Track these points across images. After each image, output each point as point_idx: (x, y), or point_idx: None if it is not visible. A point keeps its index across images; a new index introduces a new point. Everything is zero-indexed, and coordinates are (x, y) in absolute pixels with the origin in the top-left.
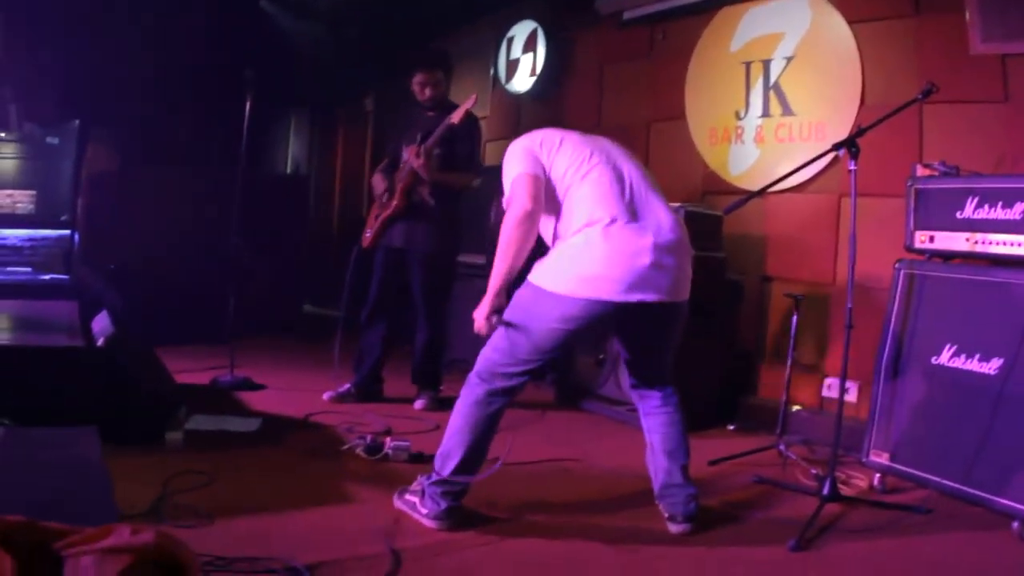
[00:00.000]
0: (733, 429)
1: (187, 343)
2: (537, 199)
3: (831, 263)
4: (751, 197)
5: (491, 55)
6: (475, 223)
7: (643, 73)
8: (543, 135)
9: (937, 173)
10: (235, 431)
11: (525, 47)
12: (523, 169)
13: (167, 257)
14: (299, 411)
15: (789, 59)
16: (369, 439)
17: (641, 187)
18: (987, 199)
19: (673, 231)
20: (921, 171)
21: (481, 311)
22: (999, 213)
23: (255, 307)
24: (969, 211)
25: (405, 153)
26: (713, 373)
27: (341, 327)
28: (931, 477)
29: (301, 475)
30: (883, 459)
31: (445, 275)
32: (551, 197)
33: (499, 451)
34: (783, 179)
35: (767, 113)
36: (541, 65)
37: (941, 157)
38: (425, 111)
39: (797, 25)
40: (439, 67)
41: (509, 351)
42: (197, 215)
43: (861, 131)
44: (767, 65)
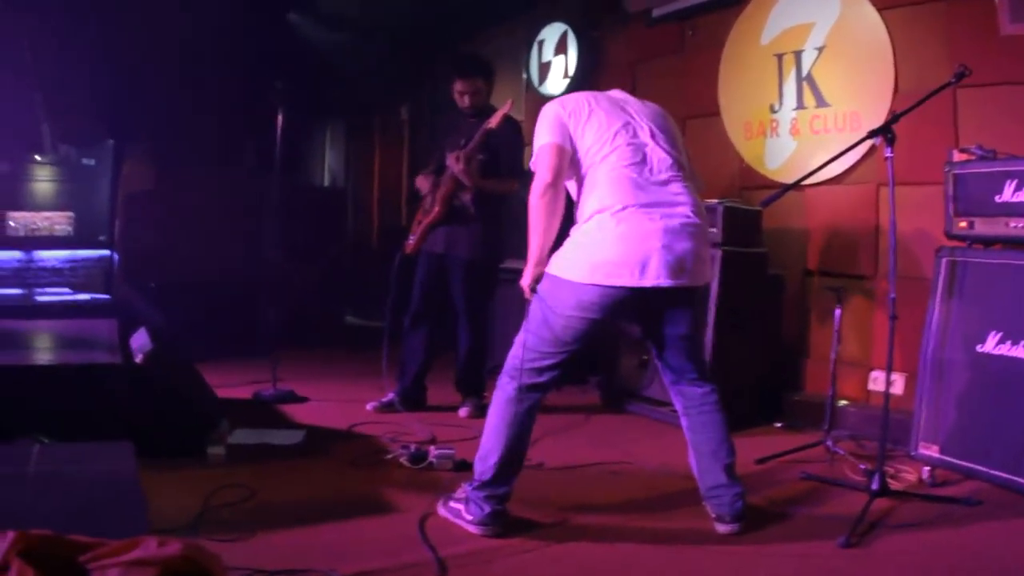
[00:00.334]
0: (779, 426)
1: (229, 358)
2: (558, 172)
3: (872, 254)
4: (788, 189)
5: (523, 59)
6: (518, 228)
7: (675, 70)
8: (575, 102)
9: (974, 157)
10: (278, 444)
11: (556, 49)
12: (550, 138)
13: (207, 272)
14: (343, 422)
15: (820, 49)
16: (413, 448)
17: (663, 168)
18: None
19: (689, 215)
20: (958, 156)
21: (525, 279)
22: None
23: (296, 320)
24: (1008, 194)
25: (448, 159)
26: (757, 370)
27: (387, 335)
28: (980, 468)
29: (344, 486)
30: (932, 451)
31: (487, 281)
32: (575, 170)
33: (539, 456)
34: (819, 170)
35: (801, 105)
36: (573, 67)
37: (977, 141)
38: (468, 117)
39: (827, 14)
40: (478, 75)
41: (534, 345)
42: (236, 229)
43: (896, 117)
44: (799, 56)
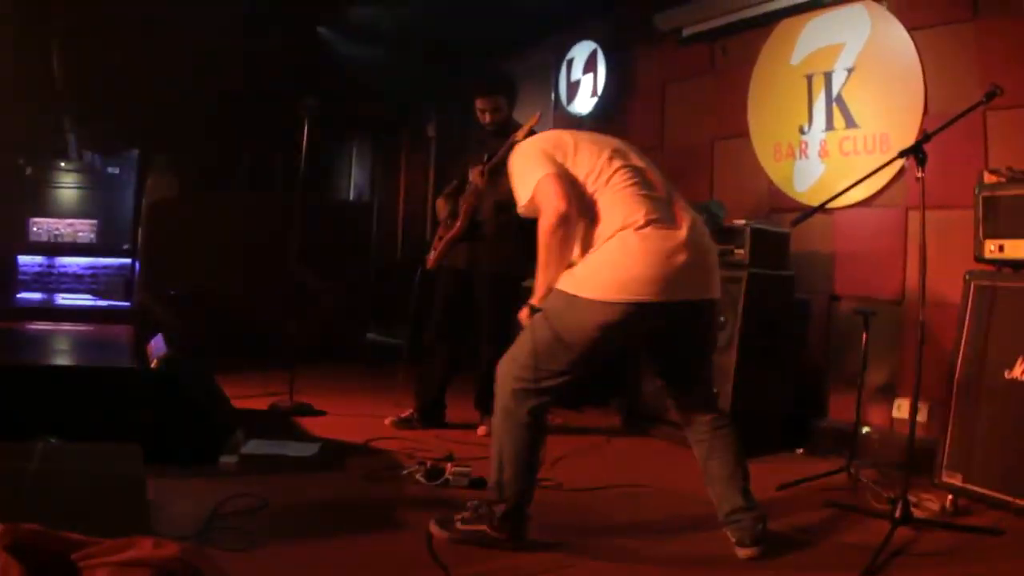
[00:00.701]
0: (802, 452)
1: (248, 369)
2: (569, 199)
3: (900, 278)
4: (818, 209)
5: (552, 77)
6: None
7: (705, 90)
8: (555, 138)
9: (1004, 179)
10: (292, 456)
11: (585, 68)
12: (544, 170)
13: (228, 283)
14: (359, 437)
15: (850, 70)
16: (429, 464)
17: (663, 186)
18: None
19: (700, 229)
20: (988, 178)
21: (525, 314)
22: None
23: (317, 334)
24: None
25: (471, 173)
26: (780, 395)
27: (406, 351)
28: (1004, 497)
29: (358, 500)
30: (955, 480)
31: (510, 297)
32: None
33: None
34: (851, 188)
35: (831, 126)
36: (602, 86)
37: (1008, 163)
38: (491, 135)
39: (857, 35)
40: (499, 92)
41: (544, 364)
42: (258, 241)
43: (927, 136)
44: (829, 77)
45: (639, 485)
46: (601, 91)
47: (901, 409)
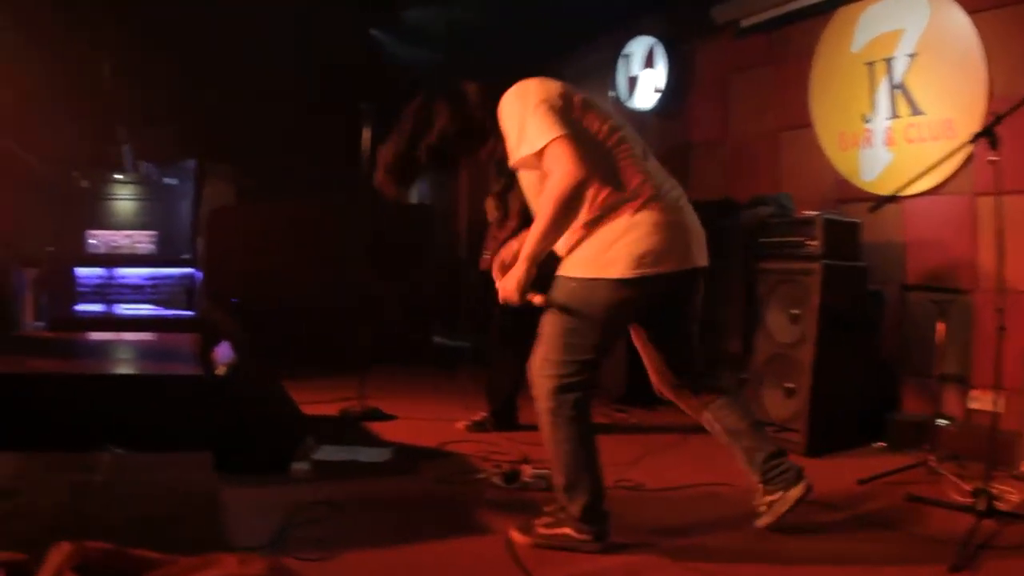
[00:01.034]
0: (879, 446)
1: (315, 375)
2: (586, 164)
3: (971, 267)
4: (896, 197)
5: (609, 74)
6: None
7: (766, 81)
8: (560, 90)
9: None
10: (365, 462)
11: (644, 63)
12: (562, 131)
13: (292, 289)
14: (431, 441)
15: (912, 56)
16: (505, 467)
17: (651, 156)
18: None
19: (685, 198)
20: None
21: (511, 281)
22: None
23: (383, 338)
24: None
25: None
26: (857, 388)
27: (473, 354)
28: None
29: (434, 505)
30: None
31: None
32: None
33: (639, 477)
34: (923, 176)
35: (895, 114)
36: (663, 81)
37: None
38: None
39: (916, 20)
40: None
41: (575, 356)
42: (320, 247)
43: (999, 118)
44: (890, 64)
45: (720, 484)
46: (663, 86)
47: (977, 400)
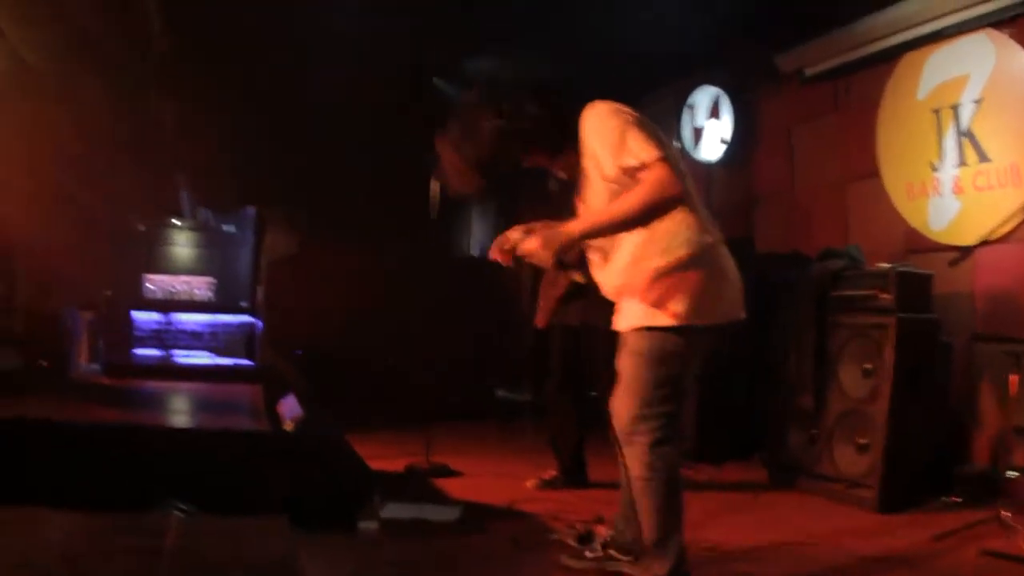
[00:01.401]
0: (949, 500)
1: (378, 429)
2: (683, 186)
3: None
4: (974, 247)
5: (673, 124)
6: None
7: (832, 130)
8: (641, 118)
9: None
10: (434, 520)
11: (709, 113)
12: (661, 152)
13: (354, 340)
14: (501, 499)
15: (978, 102)
16: (580, 528)
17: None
18: None
19: None
20: None
21: (552, 240)
22: None
23: (446, 390)
24: None
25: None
26: (927, 443)
27: (532, 411)
28: None
29: (509, 568)
30: None
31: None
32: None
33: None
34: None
35: (963, 162)
36: (728, 131)
37: None
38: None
39: (982, 65)
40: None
41: (660, 408)
42: (383, 299)
43: None
44: (956, 110)
45: (797, 543)
46: (727, 137)
47: None
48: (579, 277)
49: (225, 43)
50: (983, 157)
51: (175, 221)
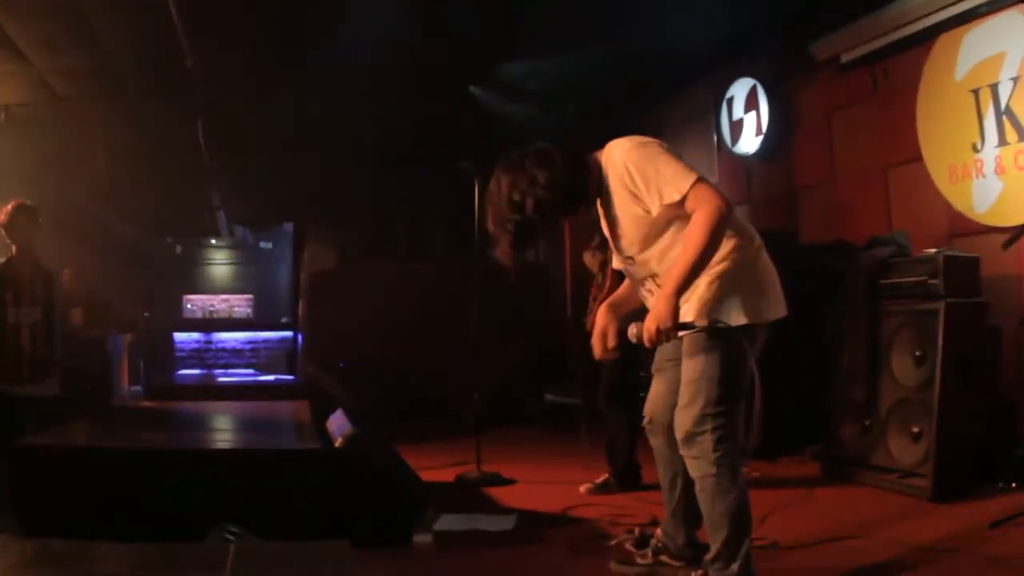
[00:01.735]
0: (1004, 486)
1: (425, 439)
2: (728, 200)
3: None
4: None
5: (711, 118)
6: None
7: (871, 116)
8: (664, 144)
9: None
10: (489, 530)
11: (747, 106)
12: (696, 174)
13: (398, 352)
14: (555, 506)
15: (1015, 79)
16: (637, 532)
17: None
18: None
19: None
20: None
21: (663, 317)
22: None
23: (495, 398)
24: None
25: (584, 256)
26: (980, 429)
27: (587, 415)
28: None
29: (567, 575)
30: None
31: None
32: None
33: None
34: None
35: (1004, 141)
36: (766, 123)
37: None
38: None
39: (1017, 42)
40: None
41: (729, 408)
42: (426, 308)
43: None
44: (995, 89)
45: (856, 536)
46: (766, 128)
47: None
48: None
49: (260, 62)
50: (1023, 135)
51: (212, 240)
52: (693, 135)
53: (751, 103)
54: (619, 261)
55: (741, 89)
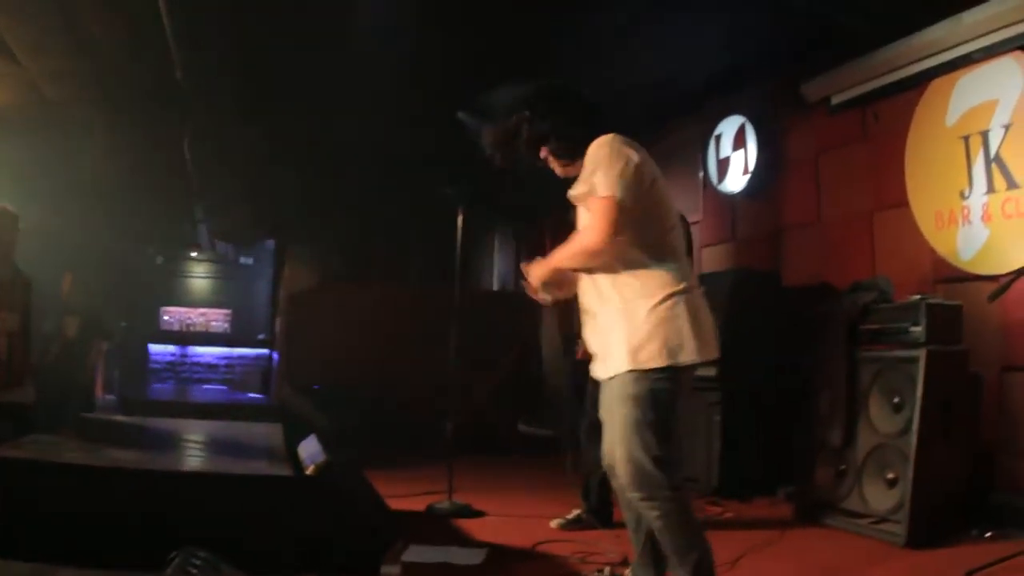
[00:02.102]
0: (980, 534)
1: (399, 464)
2: (614, 238)
3: None
4: (1016, 278)
5: (699, 154)
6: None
7: (860, 159)
8: (640, 158)
9: None
10: (458, 564)
11: (735, 144)
12: (621, 194)
13: (374, 377)
14: (525, 540)
15: (1007, 127)
16: (607, 571)
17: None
18: None
19: None
20: None
21: (535, 276)
22: None
23: (468, 428)
24: None
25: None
26: (958, 475)
27: (565, 447)
28: None
29: None
30: None
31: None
32: (639, 228)
33: None
34: None
35: (992, 189)
36: (753, 162)
37: None
38: None
39: (1009, 89)
40: None
41: (661, 446)
42: (404, 333)
43: None
44: (985, 136)
45: None
46: (753, 167)
47: None
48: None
49: (249, 80)
50: (1012, 183)
51: (193, 253)
52: (679, 171)
53: (739, 141)
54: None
55: (730, 127)
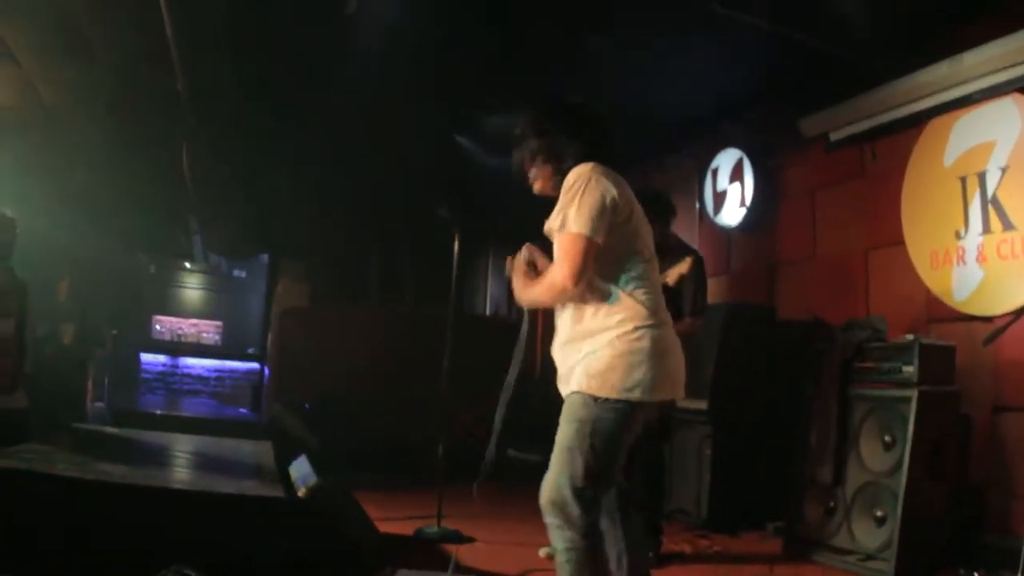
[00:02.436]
0: (968, 573)
1: (388, 488)
2: (581, 280)
3: None
4: (1014, 321)
5: (695, 187)
6: (696, 365)
7: (856, 197)
8: (618, 191)
9: None
10: None
11: (731, 177)
12: (593, 233)
13: (365, 397)
14: (513, 568)
15: (1004, 169)
16: None
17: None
18: None
19: None
20: None
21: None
22: None
23: (457, 451)
24: None
25: None
26: (946, 515)
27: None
28: None
29: None
30: None
31: (659, 422)
32: (612, 257)
33: None
34: None
35: (988, 229)
36: (750, 196)
37: None
38: None
39: (1008, 131)
40: (658, 219)
41: (593, 473)
42: (396, 355)
43: None
44: (982, 177)
45: None
46: (749, 201)
47: None
48: None
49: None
50: (1008, 225)
51: (186, 264)
52: (676, 202)
53: (736, 174)
54: None
55: (727, 160)
